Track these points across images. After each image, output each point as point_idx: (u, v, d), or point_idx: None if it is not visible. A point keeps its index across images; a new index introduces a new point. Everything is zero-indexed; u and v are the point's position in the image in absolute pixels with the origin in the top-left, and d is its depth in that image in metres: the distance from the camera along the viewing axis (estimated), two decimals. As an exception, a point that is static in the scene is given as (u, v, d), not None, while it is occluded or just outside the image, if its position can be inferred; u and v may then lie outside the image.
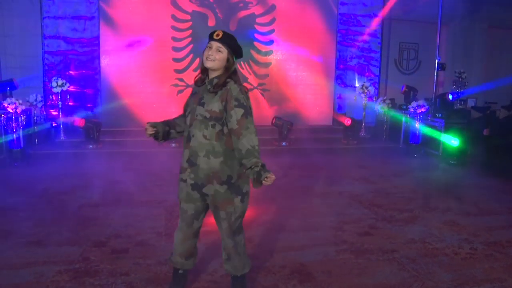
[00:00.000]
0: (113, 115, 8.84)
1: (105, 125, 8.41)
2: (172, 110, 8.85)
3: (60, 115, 8.00)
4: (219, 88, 2.55)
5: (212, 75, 2.61)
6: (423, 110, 8.17)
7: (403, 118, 8.70)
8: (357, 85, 9.72)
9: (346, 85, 9.97)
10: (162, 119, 2.77)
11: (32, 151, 7.43)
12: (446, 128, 7.86)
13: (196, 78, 2.72)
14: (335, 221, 4.53)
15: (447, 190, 5.89)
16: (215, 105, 2.52)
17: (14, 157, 6.85)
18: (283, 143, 8.72)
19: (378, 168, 7.32)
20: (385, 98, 9.38)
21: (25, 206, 4.78)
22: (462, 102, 10.33)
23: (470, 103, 10.49)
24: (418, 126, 8.29)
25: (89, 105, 8.68)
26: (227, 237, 2.74)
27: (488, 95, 11.35)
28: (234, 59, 2.65)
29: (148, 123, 2.68)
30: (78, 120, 7.59)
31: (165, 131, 2.73)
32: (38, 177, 6.18)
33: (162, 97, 9.09)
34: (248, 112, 2.51)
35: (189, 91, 9.78)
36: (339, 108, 10.02)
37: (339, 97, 10.06)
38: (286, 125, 8.66)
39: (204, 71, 2.66)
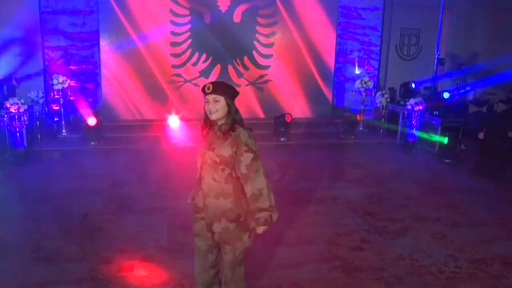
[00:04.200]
0: (114, 110, 8.98)
1: (106, 120, 8.57)
2: (171, 103, 9.13)
3: (62, 111, 8.11)
4: (228, 133, 2.70)
5: (219, 122, 2.77)
6: (420, 107, 8.28)
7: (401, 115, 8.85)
8: (357, 72, 9.78)
9: (345, 78, 10.03)
10: (161, 114, 2.95)
11: (35, 148, 7.60)
12: (442, 126, 8.00)
13: (203, 126, 2.85)
14: (329, 233, 4.74)
15: (439, 195, 6.08)
16: (225, 150, 2.68)
17: (18, 156, 7.02)
18: (282, 139, 8.87)
19: (374, 167, 7.49)
20: (383, 92, 9.46)
21: (33, 214, 4.99)
22: (461, 94, 10.40)
23: (469, 95, 10.57)
24: (415, 123, 8.42)
25: (90, 99, 8.77)
26: (227, 268, 2.94)
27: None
28: (233, 101, 2.77)
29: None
30: (90, 119, 7.72)
31: None
32: (43, 179, 6.35)
33: (161, 91, 9.21)
34: (257, 156, 2.69)
35: (187, 86, 9.82)
36: (337, 101, 10.11)
37: (338, 90, 10.14)
38: (286, 121, 8.78)
39: (207, 118, 2.80)
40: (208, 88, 2.70)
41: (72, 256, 4.06)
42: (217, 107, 2.70)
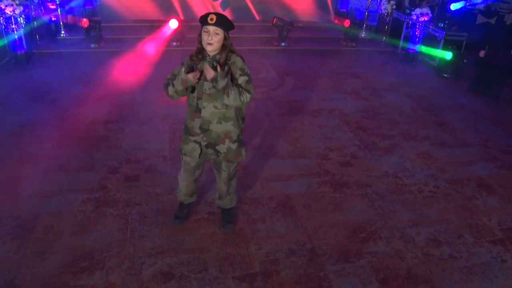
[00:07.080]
0: (112, 10, 8.69)
1: (105, 20, 8.36)
2: (172, 3, 8.78)
3: (59, 10, 7.87)
4: (224, 64, 2.85)
5: (212, 52, 2.86)
6: (425, 18, 8.04)
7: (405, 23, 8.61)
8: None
9: (351, -19, 9.54)
10: (162, 14, 3.04)
11: (35, 50, 7.55)
12: (445, 39, 7.86)
13: (193, 55, 2.93)
14: (322, 146, 5.03)
15: (432, 112, 6.26)
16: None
17: (18, 60, 7.00)
18: (283, 43, 8.78)
19: (372, 78, 7.56)
20: (390, -2, 9.07)
21: (41, 124, 5.21)
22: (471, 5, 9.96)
23: (480, 4, 10.11)
24: (418, 34, 8.26)
25: (86, -3, 8.46)
26: (223, 183, 3.34)
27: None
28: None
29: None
30: (82, 21, 7.52)
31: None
32: (46, 84, 6.43)
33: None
34: (250, 79, 2.90)
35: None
36: (341, 5, 9.74)
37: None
38: (287, 26, 8.59)
39: (201, 49, 2.88)
40: (211, 19, 2.73)
41: (82, 165, 4.38)
42: (216, 39, 2.79)
